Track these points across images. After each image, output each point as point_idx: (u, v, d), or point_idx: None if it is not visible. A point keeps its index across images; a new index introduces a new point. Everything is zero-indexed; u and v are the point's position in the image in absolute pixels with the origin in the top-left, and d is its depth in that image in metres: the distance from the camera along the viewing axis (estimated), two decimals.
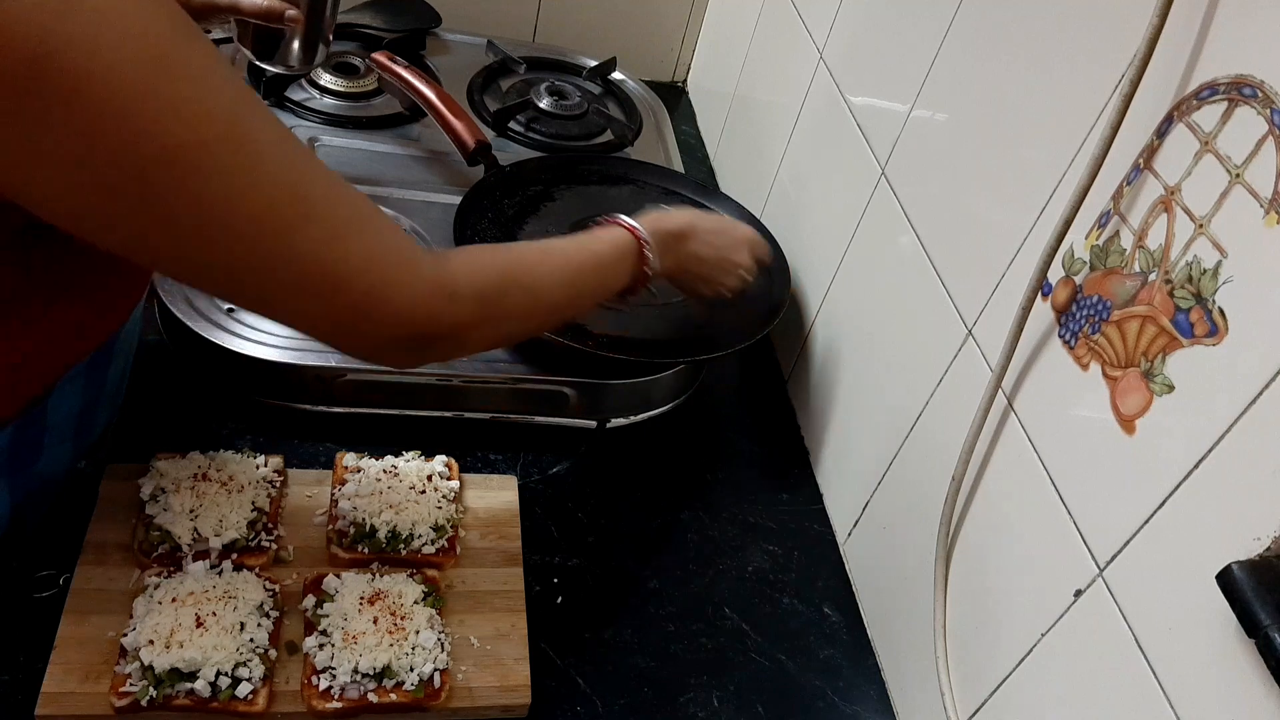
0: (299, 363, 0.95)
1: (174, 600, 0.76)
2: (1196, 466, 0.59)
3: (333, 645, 0.77)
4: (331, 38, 1.17)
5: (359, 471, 0.90)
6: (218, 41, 1.35)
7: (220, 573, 0.80)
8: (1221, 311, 0.59)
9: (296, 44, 1.12)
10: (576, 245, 0.82)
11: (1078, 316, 0.71)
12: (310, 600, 0.81)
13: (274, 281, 0.60)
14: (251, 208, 0.56)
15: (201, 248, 0.57)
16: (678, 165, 1.38)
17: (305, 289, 0.61)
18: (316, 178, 0.60)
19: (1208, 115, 0.61)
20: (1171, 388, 0.62)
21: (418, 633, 0.79)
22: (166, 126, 0.51)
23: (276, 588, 0.81)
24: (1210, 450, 0.58)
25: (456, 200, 1.14)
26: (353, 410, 0.99)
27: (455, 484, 0.92)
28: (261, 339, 0.95)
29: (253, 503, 0.84)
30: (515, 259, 0.76)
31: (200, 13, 1.02)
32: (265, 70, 1.21)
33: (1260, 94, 0.57)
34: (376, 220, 0.64)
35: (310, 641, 0.78)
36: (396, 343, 0.66)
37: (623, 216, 0.86)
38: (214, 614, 0.75)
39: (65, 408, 0.75)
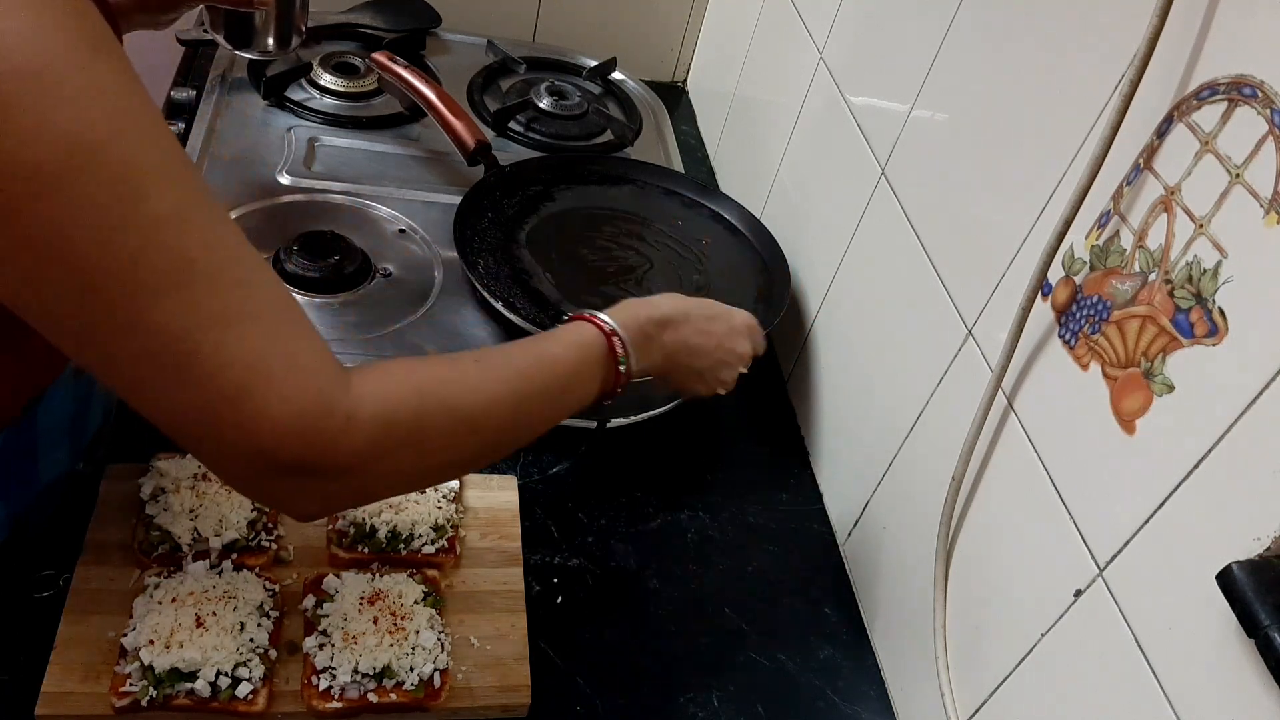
0: None
1: (174, 600, 0.76)
2: (1196, 466, 0.59)
3: (333, 645, 0.77)
4: (306, 22, 1.16)
5: None
6: (202, 43, 1.35)
7: (220, 573, 0.80)
8: (1221, 311, 0.59)
9: (269, 28, 1.12)
10: (526, 352, 0.69)
11: (1078, 316, 0.71)
12: (310, 600, 0.81)
13: (129, 352, 0.51)
14: (115, 253, 0.49)
15: (53, 291, 0.50)
16: (678, 165, 1.38)
17: (163, 369, 0.51)
18: (219, 248, 0.52)
19: (1208, 115, 0.61)
20: (1171, 388, 0.62)
21: (418, 633, 0.79)
22: (29, 142, 0.46)
23: (276, 588, 0.81)
24: (1210, 450, 0.58)
25: (456, 200, 1.14)
26: None
27: (455, 484, 0.92)
28: None
29: (253, 503, 0.84)
30: (439, 374, 0.62)
31: (168, 1, 1.01)
32: (244, 56, 1.21)
33: (1260, 94, 0.57)
34: (281, 317, 0.55)
35: (310, 641, 0.78)
36: (272, 467, 0.54)
37: (597, 313, 0.74)
38: (214, 614, 0.75)
39: (56, 414, 0.74)
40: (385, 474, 0.59)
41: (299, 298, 1.02)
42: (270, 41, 1.13)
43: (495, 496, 0.94)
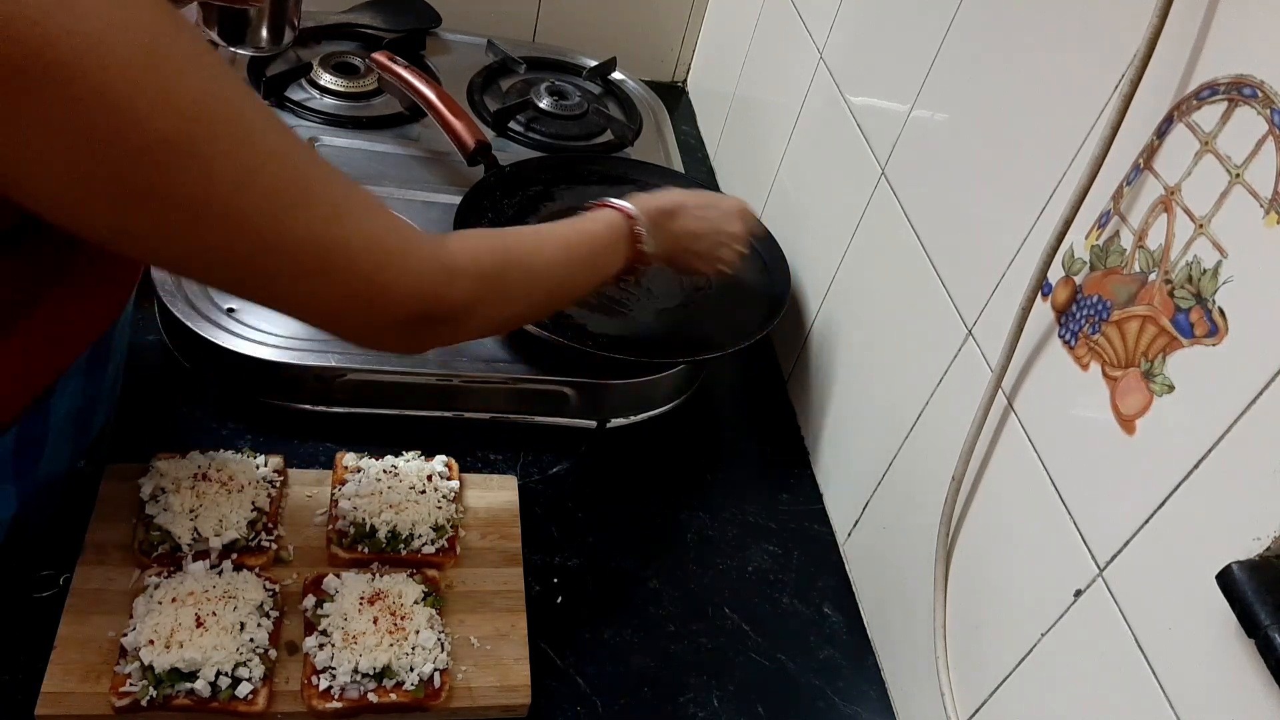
0: (299, 362, 0.95)
1: (174, 600, 0.76)
2: (1196, 466, 0.59)
3: (333, 645, 0.77)
4: (300, 17, 1.16)
5: (359, 471, 0.90)
6: None
7: (220, 573, 0.80)
8: (1221, 311, 0.59)
9: (263, 24, 1.12)
10: (571, 228, 0.82)
11: (1078, 316, 0.71)
12: (310, 600, 0.81)
13: (277, 266, 0.59)
14: (252, 191, 0.56)
15: (203, 236, 0.56)
16: (678, 165, 1.38)
17: (309, 271, 0.60)
18: (313, 163, 0.60)
19: (1208, 115, 0.61)
20: (1171, 388, 0.62)
21: (418, 633, 0.79)
22: (160, 115, 0.51)
23: (276, 588, 0.81)
24: (1210, 450, 0.58)
25: (456, 200, 1.14)
26: (353, 410, 0.99)
27: (455, 484, 0.92)
28: (261, 339, 0.95)
29: (253, 503, 0.84)
30: (513, 241, 0.75)
31: None
32: (238, 53, 1.21)
33: (1260, 94, 0.57)
34: (373, 203, 0.64)
35: (310, 641, 0.78)
36: (402, 324, 0.66)
37: (613, 199, 0.86)
38: (214, 614, 0.75)
39: (65, 406, 0.75)
40: (481, 317, 0.71)
41: None
42: (264, 37, 1.13)
43: (495, 496, 0.95)
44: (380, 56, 1.29)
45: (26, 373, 0.69)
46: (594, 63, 1.52)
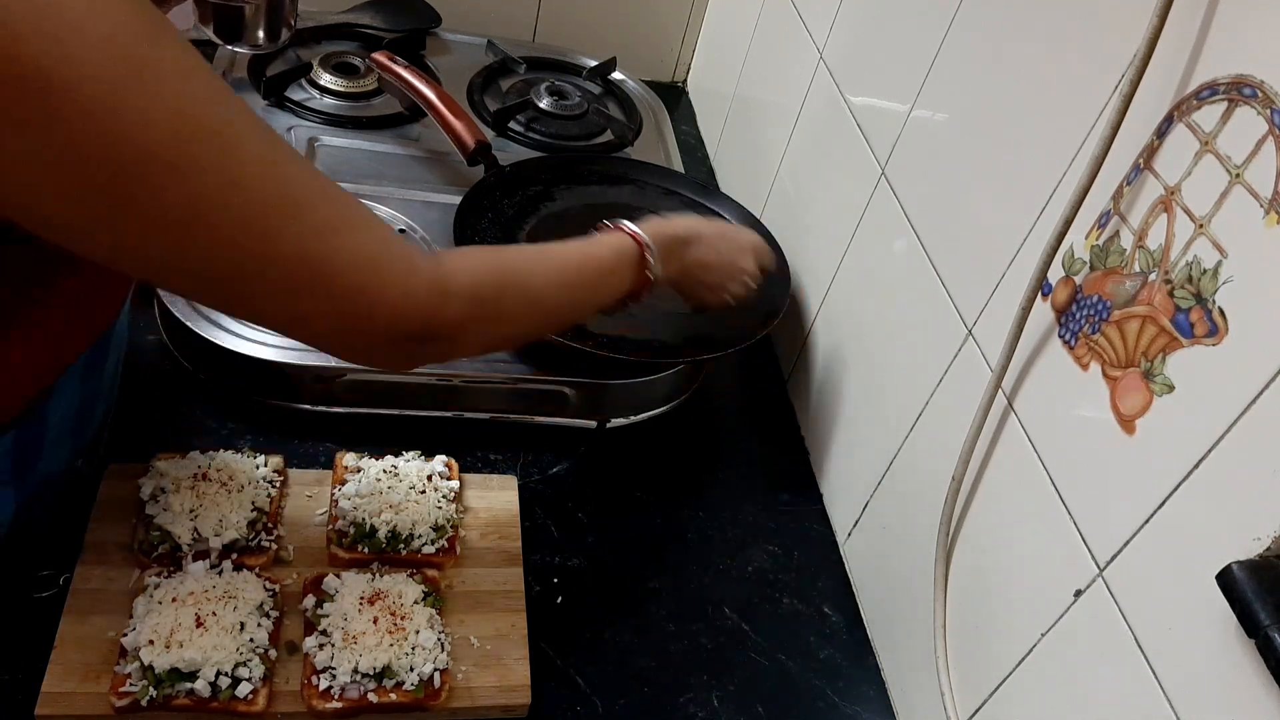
0: (299, 362, 0.94)
1: (174, 600, 0.76)
2: (1196, 466, 0.59)
3: (333, 645, 0.77)
4: (296, 16, 1.16)
5: (359, 471, 0.90)
6: (201, 44, 1.35)
7: (220, 573, 0.80)
8: (1221, 311, 0.59)
9: (259, 22, 1.12)
10: (576, 250, 0.81)
11: (1078, 316, 0.71)
12: (310, 600, 0.81)
13: (262, 281, 0.59)
14: (236, 206, 0.55)
15: (186, 250, 0.55)
16: (678, 165, 1.38)
17: (297, 288, 0.60)
18: (303, 175, 0.60)
19: (1208, 115, 0.61)
20: (1171, 388, 0.62)
21: (418, 633, 0.79)
22: (141, 128, 0.50)
23: (276, 588, 0.81)
24: (1210, 450, 0.58)
25: (456, 200, 1.14)
26: (353, 410, 0.99)
27: (455, 484, 0.92)
28: (262, 339, 0.95)
29: (253, 503, 0.84)
30: (512, 261, 0.75)
31: None
32: (235, 51, 1.21)
33: (1260, 94, 0.57)
34: (366, 218, 0.63)
35: (310, 641, 0.78)
36: (390, 342, 0.65)
37: (625, 222, 0.85)
38: (214, 614, 0.75)
39: (64, 406, 0.75)
40: (473, 338, 0.71)
41: None
42: (260, 36, 1.13)
43: (495, 496, 0.95)
44: (380, 56, 1.29)
45: (26, 373, 0.69)
46: (594, 63, 1.52)
